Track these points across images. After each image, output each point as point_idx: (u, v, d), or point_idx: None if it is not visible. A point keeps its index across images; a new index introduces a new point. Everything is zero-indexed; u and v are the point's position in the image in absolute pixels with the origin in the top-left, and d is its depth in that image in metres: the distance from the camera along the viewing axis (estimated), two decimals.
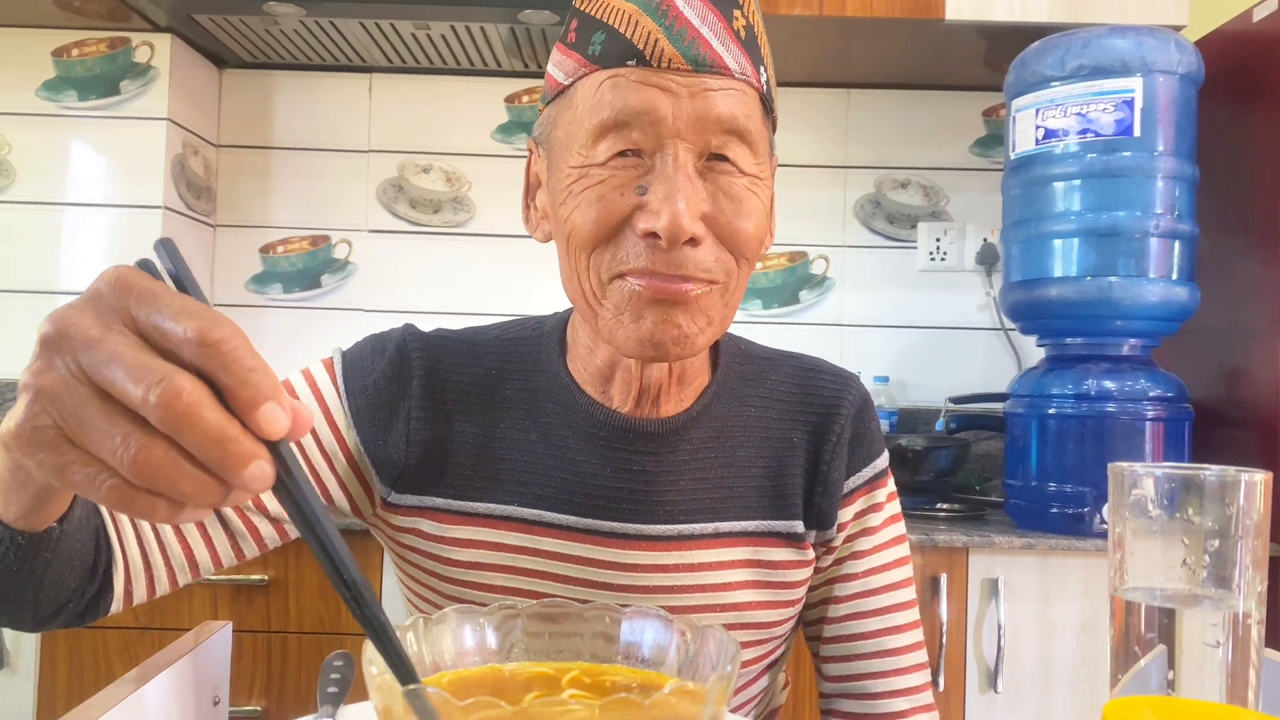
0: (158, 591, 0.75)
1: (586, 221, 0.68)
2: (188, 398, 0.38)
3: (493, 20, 1.94)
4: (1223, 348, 1.83)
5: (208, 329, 0.39)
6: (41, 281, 2.09)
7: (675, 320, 0.68)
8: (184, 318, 0.39)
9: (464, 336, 0.83)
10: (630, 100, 0.66)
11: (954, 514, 1.82)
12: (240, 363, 0.39)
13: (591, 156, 0.68)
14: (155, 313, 0.40)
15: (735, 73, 0.68)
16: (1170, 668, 0.48)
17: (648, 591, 0.77)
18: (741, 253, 0.70)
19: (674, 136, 0.66)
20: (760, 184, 0.71)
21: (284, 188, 2.31)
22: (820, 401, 0.83)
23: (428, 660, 0.55)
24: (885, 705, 0.82)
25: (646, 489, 0.77)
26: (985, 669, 1.62)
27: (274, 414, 0.39)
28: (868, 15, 1.89)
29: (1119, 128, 1.64)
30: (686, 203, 0.65)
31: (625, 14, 0.68)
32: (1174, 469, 0.49)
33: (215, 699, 0.71)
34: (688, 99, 0.66)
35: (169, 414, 0.38)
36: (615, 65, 0.67)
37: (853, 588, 0.83)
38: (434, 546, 0.79)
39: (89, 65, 2.10)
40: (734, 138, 0.68)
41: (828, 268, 2.31)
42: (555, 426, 0.78)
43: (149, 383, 0.38)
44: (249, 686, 1.63)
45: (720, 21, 0.68)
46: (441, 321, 2.29)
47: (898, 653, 0.83)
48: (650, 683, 0.55)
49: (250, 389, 0.39)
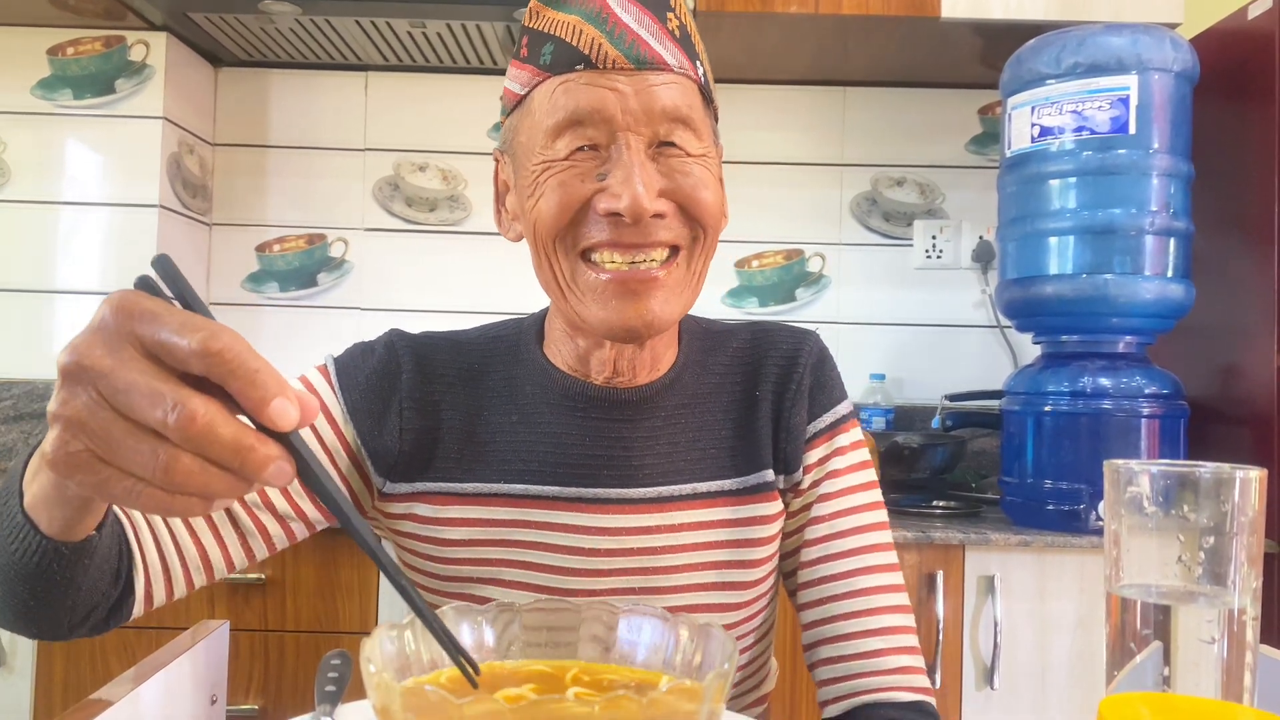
0: (175, 593, 0.78)
1: (551, 206, 0.74)
2: (201, 419, 0.42)
3: (489, 19, 1.94)
4: (1218, 345, 1.84)
5: (209, 340, 0.42)
6: (37, 280, 2.09)
7: (645, 305, 0.74)
8: (186, 332, 0.43)
9: (447, 336, 0.89)
10: (582, 101, 0.73)
11: (950, 511, 1.82)
12: (244, 367, 0.43)
13: (553, 152, 0.74)
14: (159, 332, 0.43)
15: (674, 67, 0.75)
16: (1166, 664, 0.49)
17: (631, 554, 0.81)
18: (702, 221, 0.76)
19: (625, 129, 0.73)
20: (708, 161, 0.77)
21: (280, 186, 2.31)
22: (779, 354, 0.87)
23: (426, 658, 0.55)
24: (860, 645, 0.81)
25: (625, 454, 0.82)
26: (981, 666, 1.62)
27: (283, 408, 0.44)
28: (863, 13, 1.89)
29: (1114, 125, 1.64)
30: (644, 184, 0.71)
31: (570, 25, 0.74)
32: (1170, 466, 0.50)
33: (213, 698, 0.71)
34: (633, 94, 0.73)
35: (187, 436, 0.42)
36: (565, 71, 0.74)
37: (823, 530, 0.85)
38: (429, 529, 0.83)
39: (84, 64, 2.10)
40: (679, 124, 0.74)
41: (824, 265, 2.31)
42: (534, 405, 0.84)
43: (164, 409, 0.42)
44: (246, 685, 1.63)
45: (655, 23, 0.74)
46: (437, 319, 2.29)
47: (871, 592, 0.83)
48: (648, 681, 0.55)
49: (258, 389, 0.43)
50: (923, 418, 2.24)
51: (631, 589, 0.81)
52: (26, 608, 0.65)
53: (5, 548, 0.61)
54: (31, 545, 0.59)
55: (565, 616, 0.60)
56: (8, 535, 0.60)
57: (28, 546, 0.59)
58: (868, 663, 0.81)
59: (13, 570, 0.61)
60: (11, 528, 0.60)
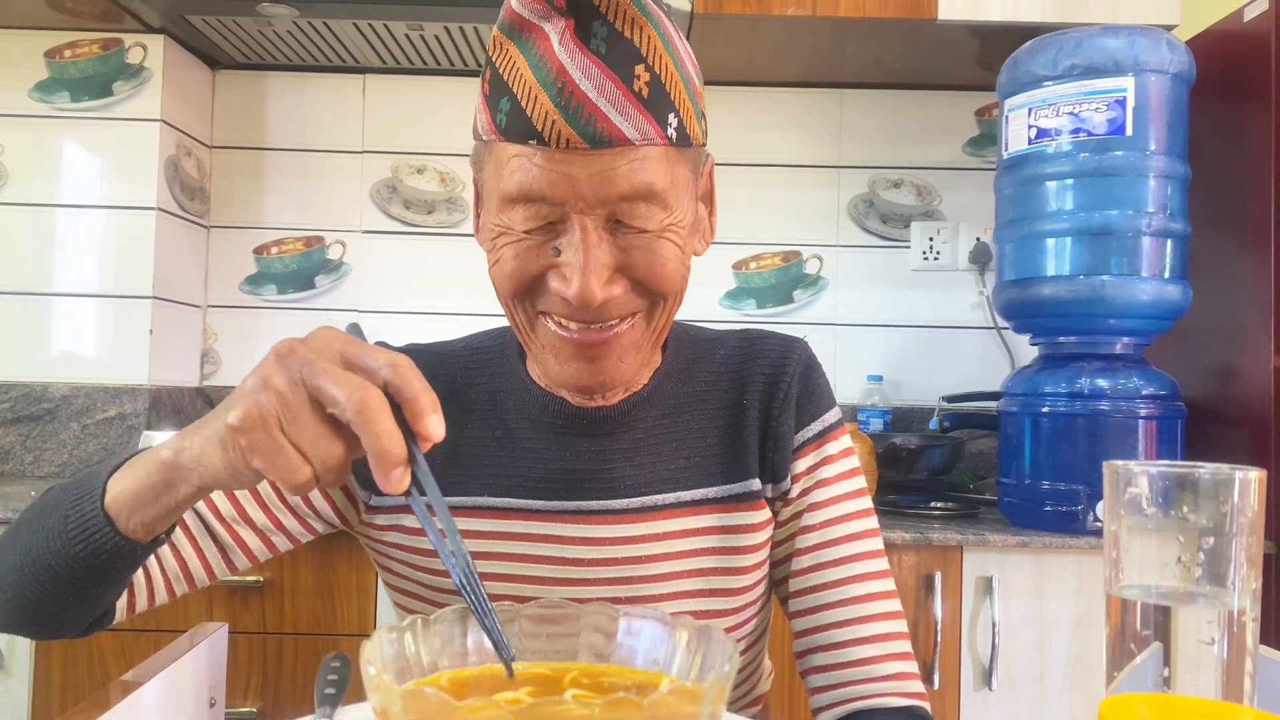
0: (156, 601, 0.81)
1: (506, 275, 0.74)
2: (374, 403, 0.54)
3: (486, 21, 1.94)
4: (1215, 346, 1.84)
5: (394, 359, 0.56)
6: (35, 283, 2.08)
7: (601, 367, 0.75)
8: (377, 355, 0.56)
9: (431, 349, 0.89)
10: (533, 184, 0.69)
11: (948, 512, 1.82)
12: (415, 383, 0.56)
13: (508, 220, 0.72)
14: (358, 352, 0.57)
15: (637, 141, 0.69)
16: (1166, 665, 0.49)
17: (616, 563, 0.81)
18: (659, 292, 0.74)
19: (579, 212, 0.70)
20: (673, 230, 0.73)
21: (278, 188, 2.31)
22: (767, 363, 0.86)
23: (425, 660, 0.55)
24: (853, 653, 0.82)
25: (605, 467, 0.82)
26: (980, 667, 1.62)
27: (435, 423, 0.56)
28: (860, 15, 1.89)
29: (1111, 127, 1.65)
30: (595, 273, 0.70)
31: (527, 86, 0.69)
32: (1169, 467, 0.50)
33: (211, 700, 0.71)
34: (588, 179, 0.69)
35: (359, 414, 0.53)
36: (519, 141, 0.70)
37: (813, 539, 0.85)
38: (416, 540, 0.83)
39: (82, 66, 2.10)
40: (639, 203, 0.71)
41: (821, 267, 2.31)
42: (516, 421, 0.84)
43: (349, 390, 0.54)
44: (244, 688, 1.62)
45: (619, 88, 0.69)
46: (435, 321, 2.29)
47: (862, 600, 0.83)
48: (648, 682, 0.55)
49: (423, 402, 0.55)
50: (920, 419, 2.24)
51: (618, 598, 0.81)
52: (56, 605, 0.69)
53: (67, 547, 0.65)
54: (106, 543, 0.64)
55: (565, 618, 0.60)
56: (74, 534, 0.65)
57: (100, 544, 0.64)
58: (860, 670, 0.81)
59: (68, 569, 0.66)
60: (80, 527, 0.65)
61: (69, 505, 0.66)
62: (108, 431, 2.07)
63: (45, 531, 0.67)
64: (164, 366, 2.13)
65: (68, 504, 0.66)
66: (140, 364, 2.07)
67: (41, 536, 0.67)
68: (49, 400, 2.07)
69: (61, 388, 2.07)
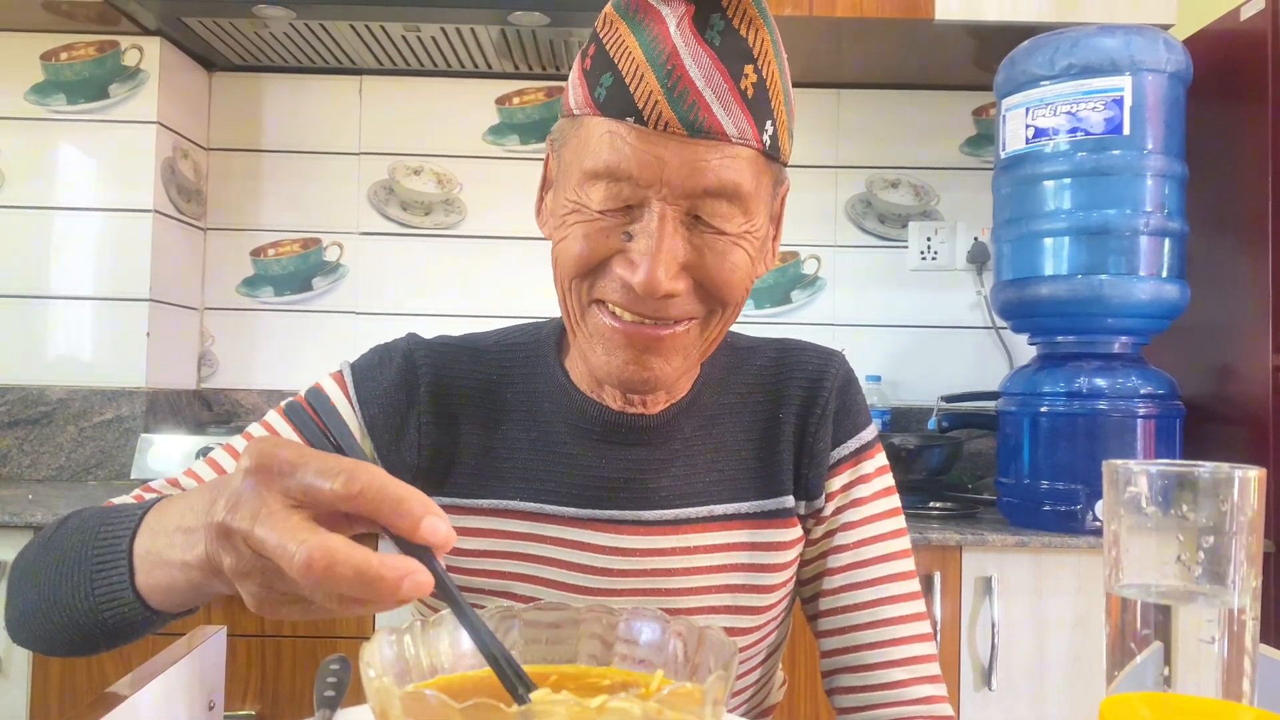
0: None
1: (572, 254, 0.72)
2: (318, 564, 0.44)
3: (483, 22, 1.94)
4: (1213, 345, 1.84)
5: (349, 484, 0.45)
6: (32, 286, 2.08)
7: (648, 363, 0.73)
8: (326, 478, 0.45)
9: (465, 344, 0.87)
10: (623, 161, 0.68)
11: (947, 512, 1.82)
12: (386, 502, 0.45)
13: (585, 198, 0.71)
14: (301, 482, 0.46)
15: (733, 138, 0.69)
16: (1166, 664, 0.49)
17: (644, 575, 0.80)
18: (722, 300, 0.73)
19: (661, 199, 0.69)
20: (748, 238, 0.72)
21: (275, 190, 2.30)
22: (804, 377, 0.85)
23: (425, 663, 0.55)
24: (883, 675, 0.81)
25: (641, 477, 0.81)
26: (980, 666, 1.62)
27: (433, 527, 0.46)
28: (858, 15, 1.89)
29: (1108, 126, 1.65)
30: (665, 264, 0.68)
31: (634, 63, 0.69)
32: (1168, 466, 0.50)
33: (210, 704, 0.71)
34: (679, 166, 0.68)
35: (311, 583, 0.44)
36: (615, 117, 0.69)
37: (846, 559, 0.84)
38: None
39: (78, 69, 2.09)
40: (723, 201, 0.70)
41: (819, 268, 2.31)
42: (553, 425, 0.82)
43: (288, 561, 0.44)
44: (243, 691, 1.62)
45: (726, 82, 0.68)
46: (433, 323, 2.29)
47: (894, 622, 0.82)
48: (648, 684, 0.55)
49: (404, 518, 0.45)
50: (919, 419, 2.24)
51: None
52: (83, 645, 0.66)
53: (94, 610, 0.61)
54: (136, 617, 0.61)
55: (565, 621, 0.59)
56: (102, 602, 0.61)
57: (129, 617, 0.61)
58: (891, 693, 0.81)
59: (96, 629, 0.62)
60: (109, 598, 0.60)
61: (93, 566, 0.61)
62: (105, 434, 2.06)
63: (71, 587, 0.63)
64: (161, 369, 2.13)
65: (92, 563, 0.61)
66: (137, 367, 2.07)
67: (68, 591, 0.63)
68: (46, 403, 2.07)
69: (58, 390, 2.07)
